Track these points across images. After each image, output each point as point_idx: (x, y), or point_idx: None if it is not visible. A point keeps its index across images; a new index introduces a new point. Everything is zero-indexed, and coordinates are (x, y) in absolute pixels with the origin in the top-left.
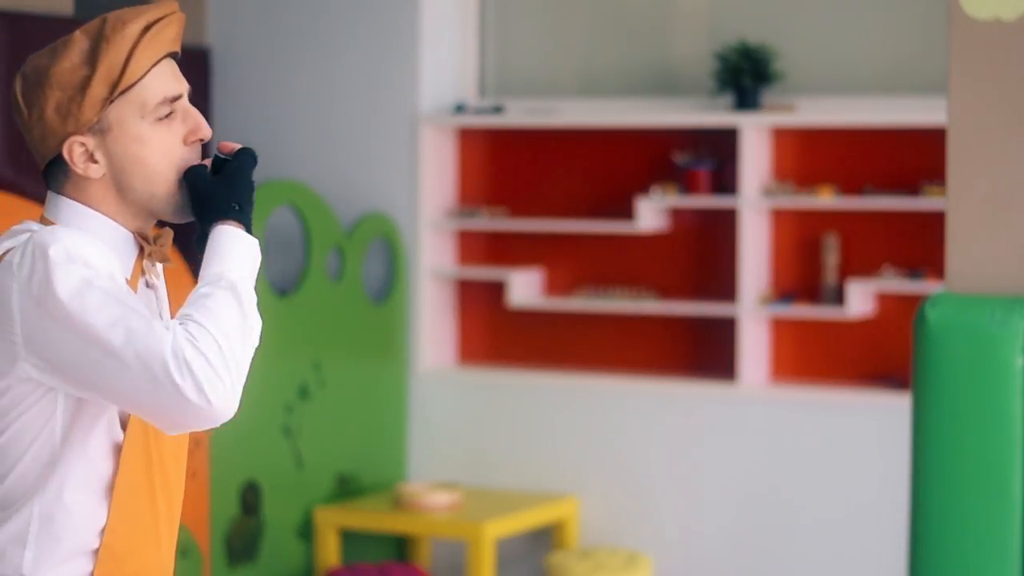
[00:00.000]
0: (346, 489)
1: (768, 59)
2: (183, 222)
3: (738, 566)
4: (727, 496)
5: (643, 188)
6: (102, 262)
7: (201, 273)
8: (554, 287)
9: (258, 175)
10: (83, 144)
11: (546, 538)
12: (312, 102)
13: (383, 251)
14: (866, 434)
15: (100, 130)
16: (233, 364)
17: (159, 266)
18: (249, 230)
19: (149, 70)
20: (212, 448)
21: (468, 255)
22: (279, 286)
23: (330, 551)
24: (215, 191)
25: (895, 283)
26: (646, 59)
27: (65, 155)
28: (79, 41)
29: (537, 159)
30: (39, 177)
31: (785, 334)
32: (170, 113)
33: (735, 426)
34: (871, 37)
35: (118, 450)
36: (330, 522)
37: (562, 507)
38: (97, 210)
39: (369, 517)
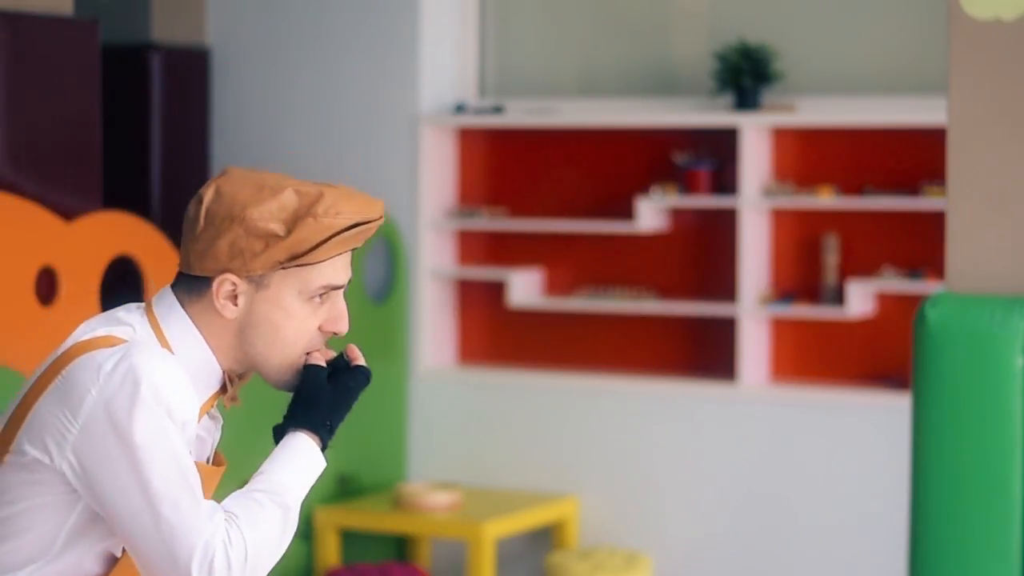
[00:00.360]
0: (346, 489)
1: (768, 59)
2: (278, 390)
3: (738, 566)
4: (727, 496)
5: (643, 188)
6: (183, 407)
7: (267, 469)
8: (554, 287)
9: None
10: (234, 284)
11: (546, 538)
12: (312, 102)
13: (383, 251)
14: (866, 434)
15: (257, 283)
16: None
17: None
18: (325, 449)
19: (330, 258)
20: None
21: (468, 255)
22: None
23: (330, 551)
24: (322, 401)
25: (895, 283)
26: (646, 59)
27: (213, 286)
28: (288, 198)
29: (537, 159)
30: (39, 177)
31: (785, 334)
32: (323, 295)
33: (735, 426)
34: (871, 37)
35: (112, 561)
36: (330, 522)
37: (562, 507)
38: (207, 340)
39: (369, 517)
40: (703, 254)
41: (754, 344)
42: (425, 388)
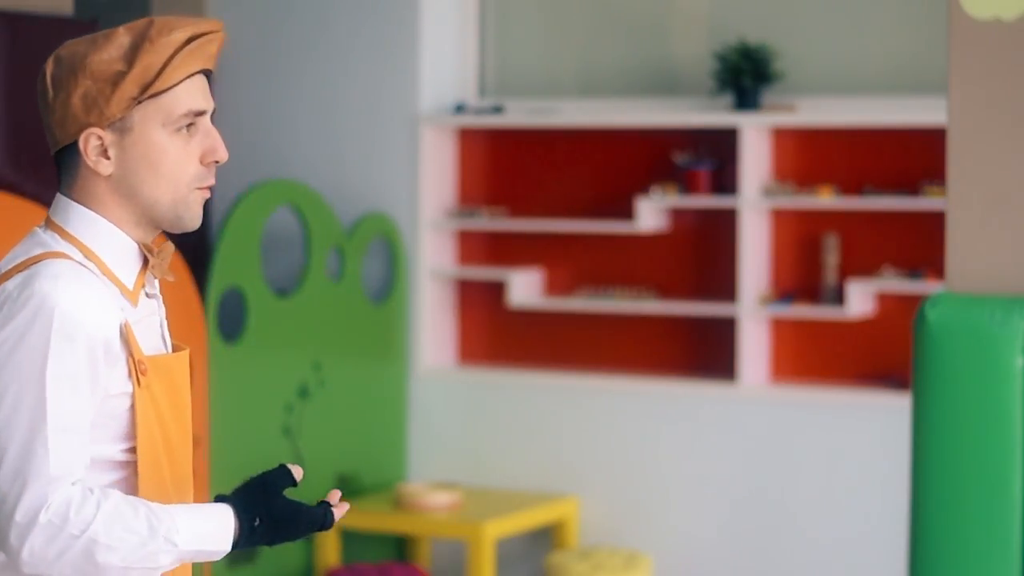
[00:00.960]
0: (346, 489)
1: (768, 59)
2: (181, 232)
3: (738, 566)
4: (727, 496)
5: (643, 188)
6: (98, 324)
7: (173, 507)
8: (554, 287)
9: (258, 175)
10: (100, 138)
11: (546, 538)
12: (312, 102)
13: (383, 251)
14: (866, 434)
15: (120, 128)
16: (62, 563)
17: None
18: (236, 544)
19: (182, 80)
20: (212, 448)
21: (468, 255)
22: (279, 286)
23: (330, 551)
24: (271, 505)
25: (895, 283)
26: (646, 59)
27: (80, 145)
28: (121, 36)
29: (537, 159)
30: (39, 177)
31: (785, 334)
32: (191, 125)
33: (735, 426)
34: (871, 37)
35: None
36: None
37: (562, 507)
38: (105, 216)
39: (369, 517)
40: (703, 254)
41: (754, 344)
42: (425, 388)
